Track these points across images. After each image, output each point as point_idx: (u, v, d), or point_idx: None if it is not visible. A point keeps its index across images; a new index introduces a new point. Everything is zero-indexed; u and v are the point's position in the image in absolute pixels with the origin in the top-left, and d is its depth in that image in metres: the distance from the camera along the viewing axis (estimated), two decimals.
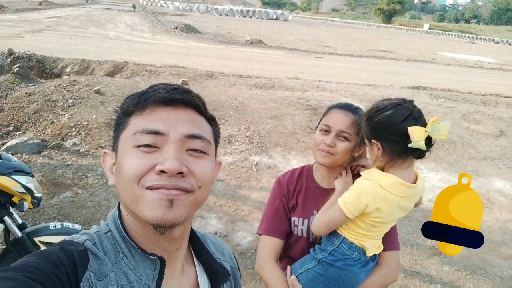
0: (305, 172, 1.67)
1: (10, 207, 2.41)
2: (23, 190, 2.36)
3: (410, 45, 28.80)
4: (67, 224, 2.62)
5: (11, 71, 7.86)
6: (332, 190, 1.54)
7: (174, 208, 0.70)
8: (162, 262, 0.76)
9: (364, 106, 5.45)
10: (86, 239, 0.74)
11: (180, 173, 0.70)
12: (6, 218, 2.35)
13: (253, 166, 5.11)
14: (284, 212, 1.61)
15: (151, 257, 0.75)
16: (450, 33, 53.98)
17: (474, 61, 21.62)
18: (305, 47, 20.35)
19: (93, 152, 5.17)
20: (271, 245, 1.57)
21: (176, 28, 22.61)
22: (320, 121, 1.57)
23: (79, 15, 28.48)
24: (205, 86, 8.78)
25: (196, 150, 0.75)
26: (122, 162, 0.74)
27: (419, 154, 1.34)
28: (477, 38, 47.63)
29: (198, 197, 0.75)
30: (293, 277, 1.50)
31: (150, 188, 0.70)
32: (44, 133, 5.67)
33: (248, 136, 6.00)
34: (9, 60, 9.83)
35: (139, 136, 0.73)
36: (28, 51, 10.24)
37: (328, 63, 15.32)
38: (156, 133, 0.72)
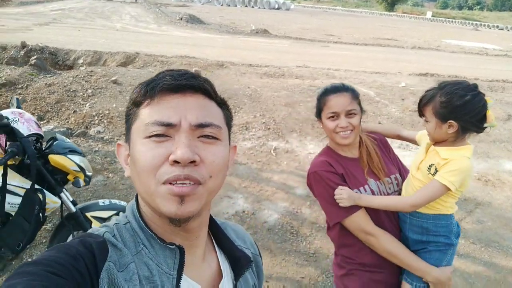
0: (330, 154, 1.78)
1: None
2: (77, 169, 2.57)
3: (414, 33, 28.75)
4: (114, 200, 2.83)
5: (29, 63, 8.05)
6: (357, 159, 1.76)
7: (186, 203, 0.70)
8: (181, 251, 0.76)
9: (374, 93, 5.66)
10: (106, 231, 0.75)
11: (193, 161, 0.70)
12: (63, 194, 2.56)
13: (272, 151, 5.31)
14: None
15: (170, 246, 0.75)
16: (454, 20, 53.61)
17: (478, 48, 21.63)
18: (310, 36, 20.40)
19: (117, 139, 5.38)
20: (363, 217, 1.66)
21: (181, 19, 22.67)
22: (321, 110, 1.73)
23: (82, 7, 28.50)
24: (216, 75, 8.93)
25: (208, 137, 0.75)
26: (135, 153, 0.74)
27: (482, 130, 1.59)
28: (480, 25, 47.36)
29: (210, 187, 0.74)
30: (449, 268, 1.68)
31: (165, 182, 0.70)
32: (68, 121, 5.87)
33: (264, 122, 6.19)
34: (22, 52, 10.00)
35: (151, 126, 0.72)
36: (41, 43, 10.39)
37: (334, 52, 15.42)
38: (168, 123, 0.72)
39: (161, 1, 46.51)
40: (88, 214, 2.68)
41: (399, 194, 1.79)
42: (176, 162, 0.69)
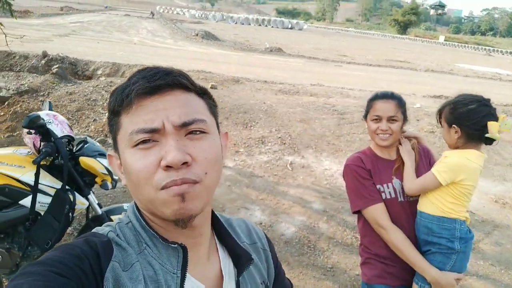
0: (368, 152, 1.97)
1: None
2: (106, 172, 2.62)
3: (426, 56, 28.91)
4: None
5: (50, 72, 8.25)
6: (394, 161, 1.91)
7: (187, 201, 0.69)
8: (184, 250, 0.75)
9: None
10: (110, 231, 0.75)
11: (185, 162, 0.69)
12: (90, 196, 2.61)
13: (288, 165, 5.34)
14: (373, 183, 1.86)
15: (173, 245, 0.74)
16: (466, 45, 53.84)
17: (492, 73, 21.64)
18: (323, 56, 20.61)
19: None
20: (380, 211, 1.81)
21: (197, 35, 23.09)
22: (367, 112, 1.92)
23: (101, 21, 29.20)
24: (232, 90, 9.04)
25: (195, 132, 0.73)
26: (127, 165, 0.73)
27: (490, 142, 1.71)
28: (493, 50, 47.45)
29: (208, 184, 0.73)
30: (455, 275, 1.74)
31: (163, 188, 0.69)
32: (88, 129, 5.98)
33: (280, 137, 6.24)
34: (43, 61, 10.25)
35: (135, 135, 0.70)
36: (61, 53, 10.65)
37: (348, 72, 15.54)
38: (151, 129, 0.70)
39: (176, 17, 47.50)
40: (113, 217, 2.72)
41: None
42: (168, 166, 0.68)
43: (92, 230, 0.77)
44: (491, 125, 1.66)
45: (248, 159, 5.44)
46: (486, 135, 1.67)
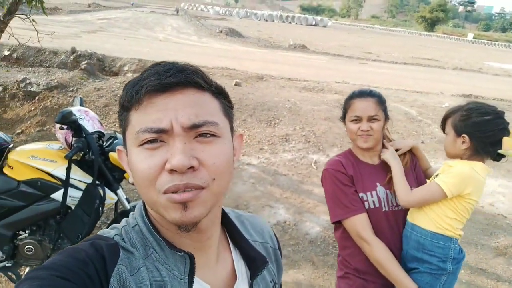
0: (348, 156, 1.82)
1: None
2: None
3: (455, 54, 28.19)
4: None
5: (79, 68, 8.42)
6: (378, 165, 1.77)
7: (190, 209, 0.67)
8: (191, 258, 0.73)
9: (415, 112, 5.58)
10: (116, 234, 0.74)
11: (191, 167, 0.66)
12: (119, 191, 2.65)
13: (313, 164, 5.30)
14: (355, 190, 1.72)
15: (179, 253, 0.73)
16: (496, 43, 52.24)
17: None
18: (348, 53, 20.36)
19: None
20: (362, 222, 1.66)
21: (221, 32, 23.19)
22: (345, 113, 1.79)
23: (127, 18, 29.67)
24: (256, 88, 9.04)
25: (205, 135, 0.69)
26: (132, 164, 0.71)
27: (499, 158, 1.60)
28: None
29: (215, 190, 0.70)
30: None
31: (165, 192, 0.66)
32: (115, 125, 6.08)
33: (304, 135, 6.20)
34: (72, 57, 10.49)
35: (141, 134, 0.68)
36: (89, 50, 10.86)
37: (373, 69, 15.31)
38: (158, 130, 0.67)
39: (200, 14, 47.85)
40: None
41: None
42: (173, 170, 0.65)
43: (98, 233, 0.76)
44: (507, 141, 1.53)
45: (272, 157, 5.42)
46: (499, 151, 1.55)
